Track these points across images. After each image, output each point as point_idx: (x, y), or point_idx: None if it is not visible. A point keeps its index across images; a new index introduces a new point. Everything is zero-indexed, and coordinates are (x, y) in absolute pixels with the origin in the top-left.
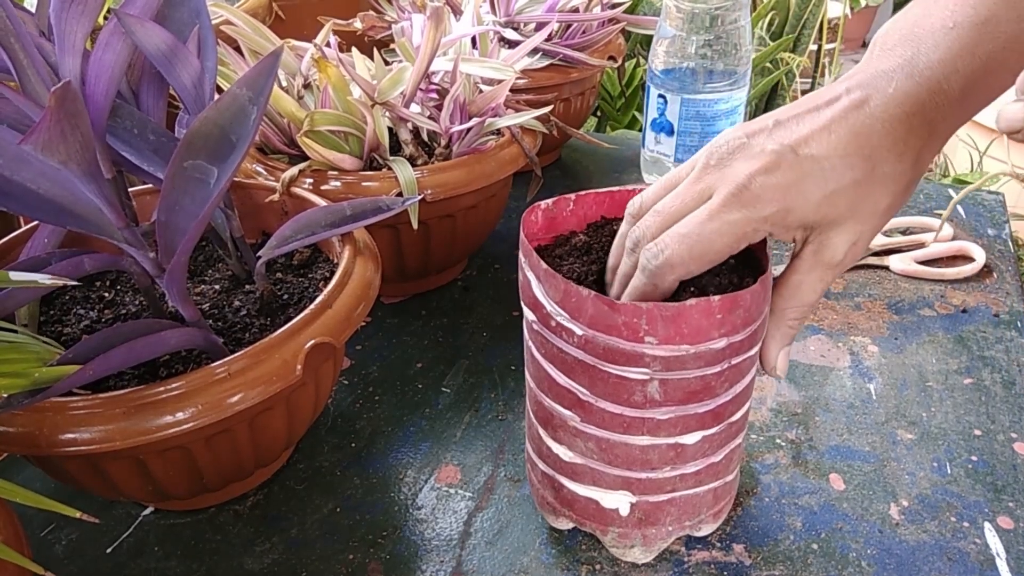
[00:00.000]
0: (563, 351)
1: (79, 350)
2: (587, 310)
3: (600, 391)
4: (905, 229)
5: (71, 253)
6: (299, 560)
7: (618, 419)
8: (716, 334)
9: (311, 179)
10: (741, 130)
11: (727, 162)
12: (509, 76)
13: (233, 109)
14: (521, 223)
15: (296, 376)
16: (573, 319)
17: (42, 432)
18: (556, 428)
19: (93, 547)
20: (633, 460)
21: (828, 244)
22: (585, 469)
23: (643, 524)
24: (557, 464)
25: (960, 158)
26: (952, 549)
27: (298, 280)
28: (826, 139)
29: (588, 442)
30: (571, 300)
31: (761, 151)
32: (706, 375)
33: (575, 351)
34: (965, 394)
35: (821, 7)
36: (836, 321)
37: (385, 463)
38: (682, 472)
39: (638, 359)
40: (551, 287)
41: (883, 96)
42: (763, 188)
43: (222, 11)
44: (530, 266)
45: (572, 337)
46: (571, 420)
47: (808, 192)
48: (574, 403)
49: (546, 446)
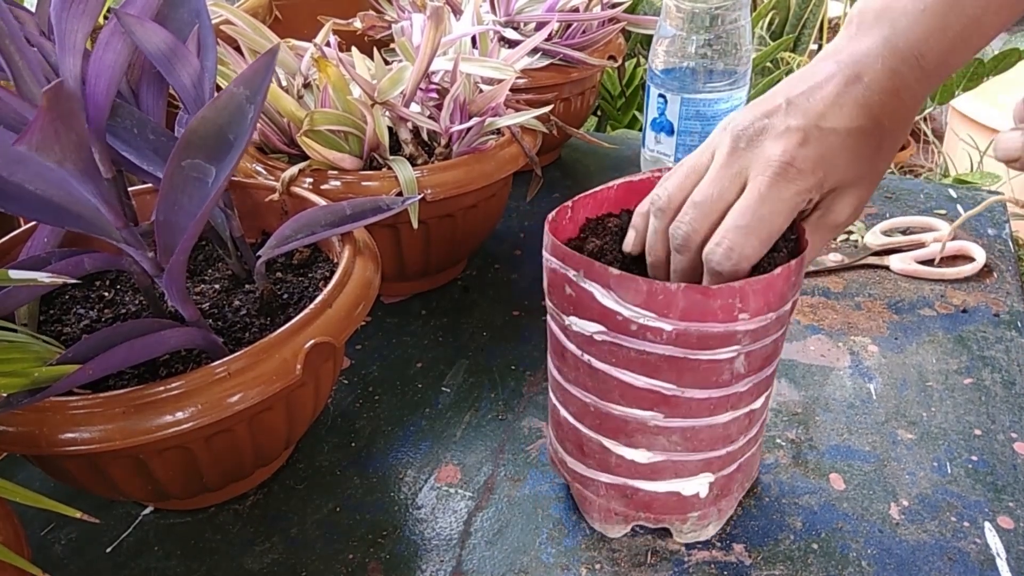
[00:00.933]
0: (646, 352)
1: (79, 349)
2: (678, 303)
3: (689, 381)
4: (905, 229)
5: (71, 253)
6: (299, 560)
7: (705, 403)
8: (790, 295)
9: (311, 178)
10: (757, 110)
11: (757, 143)
12: (509, 76)
13: (230, 108)
14: (552, 247)
15: (296, 376)
16: (662, 316)
17: (42, 431)
18: (632, 433)
19: (93, 547)
20: (716, 440)
21: (834, 208)
22: (667, 464)
23: (719, 499)
24: (632, 470)
25: (960, 158)
26: (952, 549)
27: (298, 280)
28: (840, 112)
29: (672, 436)
30: (658, 298)
31: (787, 128)
32: (778, 337)
33: (662, 348)
34: (965, 394)
35: (821, 7)
36: (836, 321)
37: (385, 463)
38: (750, 436)
39: (731, 338)
40: (630, 291)
41: (874, 72)
42: (804, 161)
43: (222, 11)
44: (593, 278)
45: (660, 335)
46: (652, 420)
47: (838, 161)
48: (657, 402)
49: (616, 456)
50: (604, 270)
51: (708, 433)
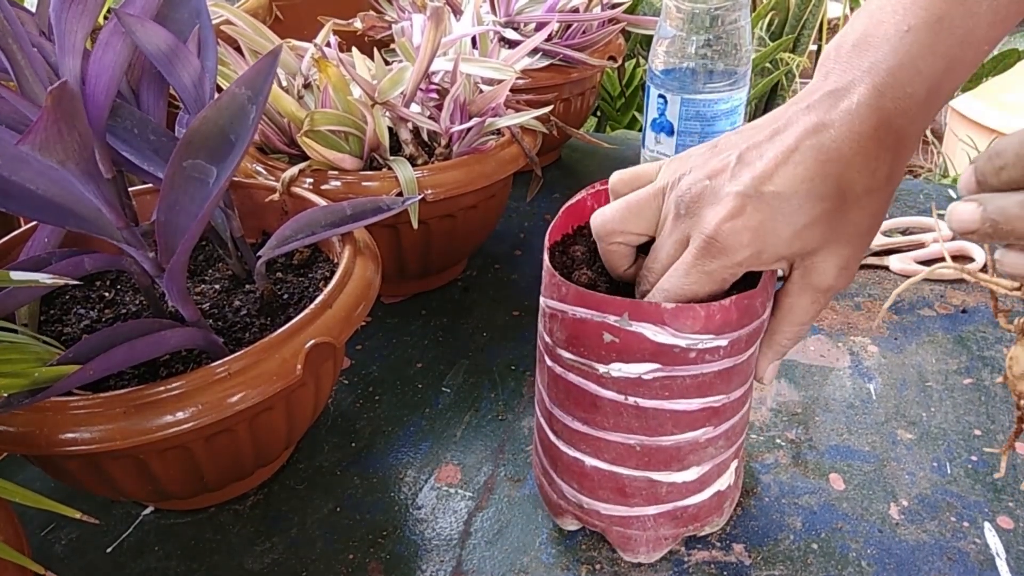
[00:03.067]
0: (702, 375)
1: (79, 350)
2: (732, 317)
3: (735, 383)
4: (905, 229)
5: (71, 253)
6: (299, 560)
7: (742, 399)
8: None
9: (311, 179)
10: (706, 167)
11: (694, 210)
12: (509, 76)
13: (232, 108)
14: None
15: (296, 376)
16: (719, 334)
17: (42, 432)
18: (684, 457)
19: (93, 547)
20: (743, 426)
21: (815, 269)
22: (712, 472)
23: (739, 479)
24: (682, 491)
25: (960, 158)
26: (952, 549)
27: (298, 280)
28: (791, 172)
29: (719, 442)
30: (715, 319)
31: (726, 195)
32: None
33: (718, 364)
34: (965, 394)
35: (821, 7)
36: (836, 321)
37: (385, 463)
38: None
39: (760, 330)
40: (688, 319)
41: (846, 114)
42: (730, 235)
43: (222, 11)
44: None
45: (717, 353)
46: (704, 435)
47: (779, 231)
48: (709, 417)
49: (666, 485)
50: (656, 307)
51: (741, 423)
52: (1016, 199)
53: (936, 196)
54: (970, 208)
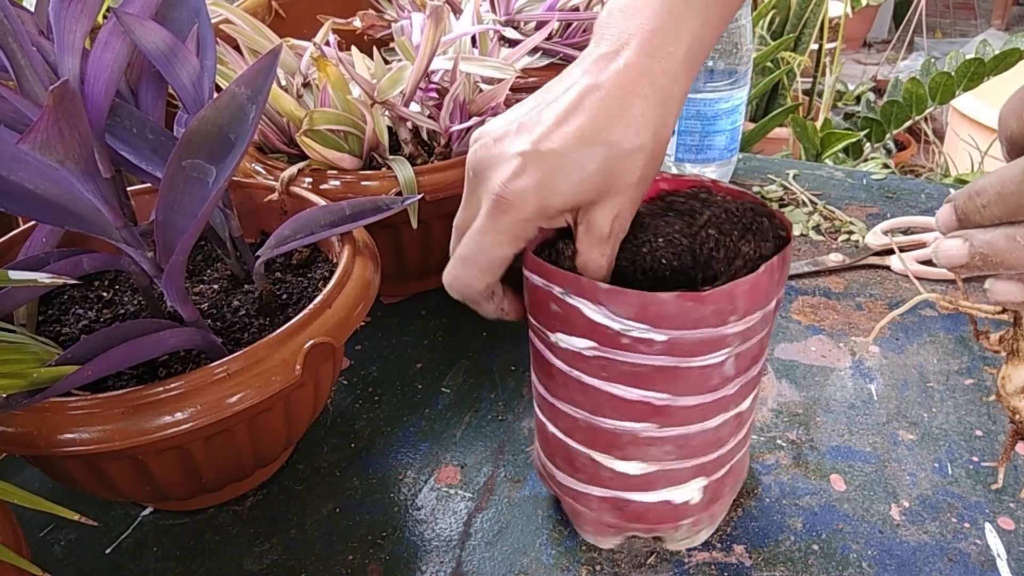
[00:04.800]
0: (637, 365)
1: (78, 350)
2: (670, 313)
3: (681, 389)
4: (906, 229)
5: (69, 252)
6: (298, 561)
7: (698, 410)
8: (774, 295)
9: (310, 178)
10: (492, 136)
11: (484, 173)
12: (509, 75)
13: (231, 108)
14: (531, 263)
15: (295, 376)
16: (654, 327)
17: (40, 432)
18: (624, 446)
19: (92, 548)
20: (708, 444)
21: (593, 222)
22: (659, 475)
23: (710, 504)
24: (624, 483)
25: (961, 158)
26: (953, 550)
27: (297, 280)
28: (566, 131)
29: (665, 446)
30: (650, 309)
31: (509, 157)
32: (763, 337)
33: (654, 359)
34: (966, 394)
35: (822, 6)
36: (837, 321)
37: (385, 463)
38: (739, 438)
39: (721, 342)
40: (621, 304)
41: (615, 74)
42: (516, 193)
43: (221, 10)
44: (581, 294)
45: (652, 346)
46: (645, 431)
47: (558, 185)
48: (650, 413)
49: (607, 469)
50: (593, 285)
51: (701, 439)
52: (1001, 232)
53: (937, 196)
54: (957, 244)
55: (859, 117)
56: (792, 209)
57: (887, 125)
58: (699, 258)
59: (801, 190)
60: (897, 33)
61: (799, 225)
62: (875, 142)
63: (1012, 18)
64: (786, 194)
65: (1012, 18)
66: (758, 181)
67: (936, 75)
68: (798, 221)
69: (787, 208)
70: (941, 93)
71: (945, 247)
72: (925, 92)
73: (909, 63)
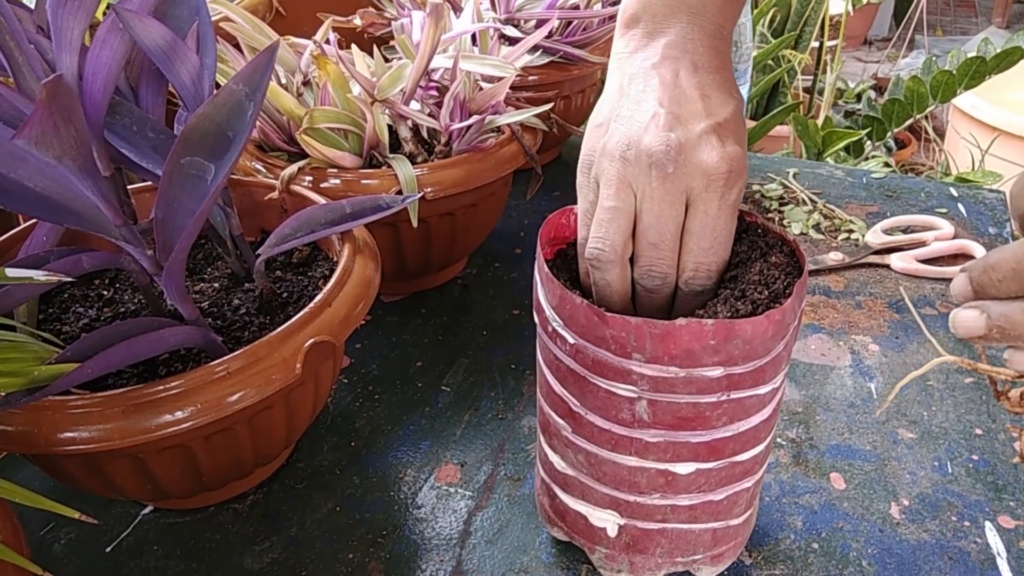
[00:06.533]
0: (558, 358)
1: (78, 348)
2: (579, 319)
3: (590, 404)
4: (907, 227)
5: (69, 251)
6: (298, 559)
7: (607, 435)
8: (709, 361)
9: (310, 177)
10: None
11: (684, 160)
12: (509, 73)
13: (230, 105)
14: (545, 222)
15: (295, 375)
16: (566, 327)
17: (41, 431)
18: (552, 436)
19: (92, 546)
20: (621, 480)
21: None
22: (576, 481)
23: (631, 549)
24: (552, 472)
25: (962, 156)
26: (953, 548)
27: (297, 278)
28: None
29: (578, 454)
30: (565, 307)
31: (701, 133)
32: (699, 403)
33: (567, 360)
34: (966, 393)
35: (823, 4)
36: (837, 320)
37: (385, 462)
38: (673, 503)
39: (626, 375)
40: (550, 291)
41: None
42: (735, 159)
43: (221, 7)
44: (536, 267)
45: (565, 345)
46: (563, 430)
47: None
48: (566, 412)
49: (544, 452)
50: (542, 263)
51: (612, 469)
52: (1018, 305)
53: (937, 194)
54: (974, 315)
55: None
56: (792, 207)
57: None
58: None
59: (801, 188)
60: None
61: (799, 223)
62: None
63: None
64: (786, 192)
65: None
66: (758, 179)
67: (937, 73)
68: (798, 219)
69: (787, 206)
70: (942, 91)
71: (963, 318)
72: (926, 90)
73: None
